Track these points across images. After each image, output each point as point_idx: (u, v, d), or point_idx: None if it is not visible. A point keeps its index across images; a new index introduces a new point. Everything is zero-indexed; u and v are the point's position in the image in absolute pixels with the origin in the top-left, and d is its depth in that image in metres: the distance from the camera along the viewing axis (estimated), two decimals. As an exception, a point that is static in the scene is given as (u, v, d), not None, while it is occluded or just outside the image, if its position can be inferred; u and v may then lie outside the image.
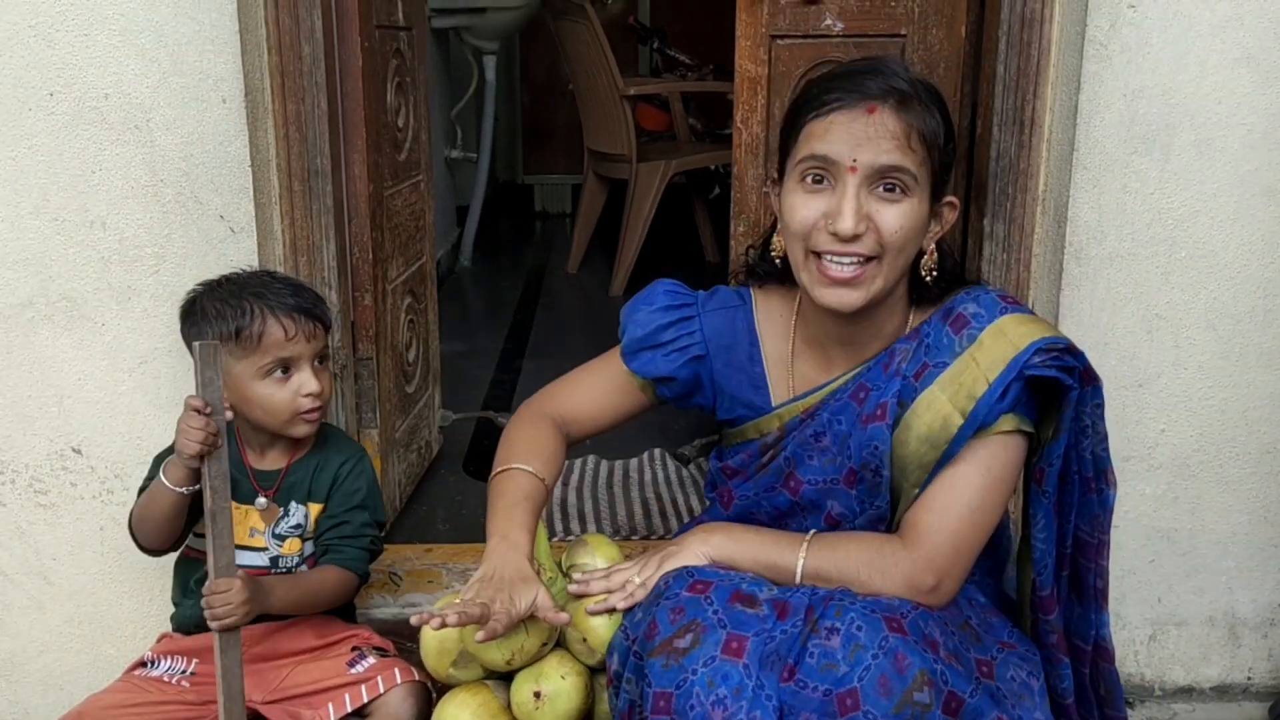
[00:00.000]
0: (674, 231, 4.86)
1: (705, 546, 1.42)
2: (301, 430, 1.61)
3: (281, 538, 1.64)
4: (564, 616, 1.36)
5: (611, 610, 1.41)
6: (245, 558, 1.62)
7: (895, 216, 1.33)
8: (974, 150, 1.93)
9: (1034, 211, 1.80)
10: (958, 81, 1.95)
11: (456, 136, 4.95)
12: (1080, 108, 1.76)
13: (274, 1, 1.73)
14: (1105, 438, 1.42)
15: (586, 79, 4.34)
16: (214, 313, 1.55)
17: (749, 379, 1.54)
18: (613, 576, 1.45)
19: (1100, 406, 1.40)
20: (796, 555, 1.38)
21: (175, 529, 1.57)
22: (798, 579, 1.37)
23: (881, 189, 1.33)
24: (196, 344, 1.42)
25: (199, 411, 1.42)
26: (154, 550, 1.62)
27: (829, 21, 2.00)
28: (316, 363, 1.60)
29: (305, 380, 1.57)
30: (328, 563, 1.63)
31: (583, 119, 4.54)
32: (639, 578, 1.43)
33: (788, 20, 2.02)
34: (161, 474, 1.51)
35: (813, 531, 1.43)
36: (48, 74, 1.72)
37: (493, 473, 1.52)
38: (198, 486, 1.48)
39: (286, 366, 1.57)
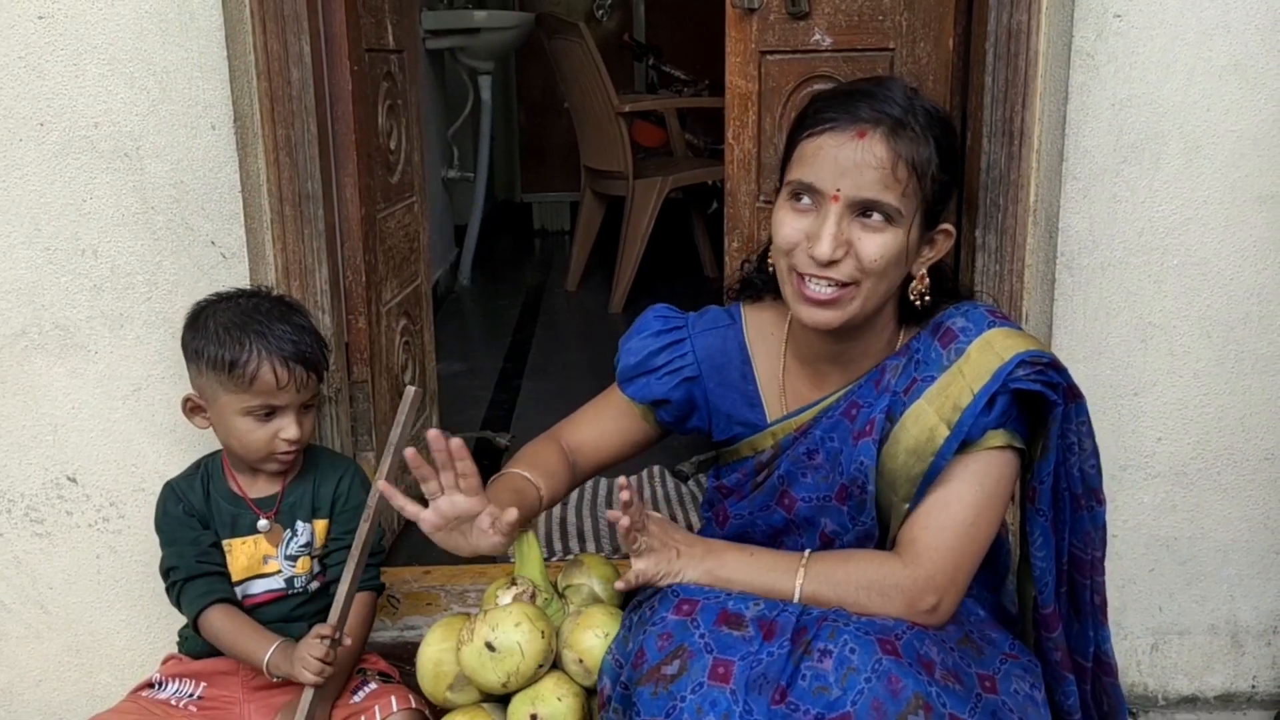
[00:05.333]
0: (672, 247, 4.87)
1: (695, 573, 1.40)
2: (271, 468, 1.62)
3: (294, 558, 1.64)
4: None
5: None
6: (261, 584, 1.63)
7: (875, 246, 1.31)
8: (964, 162, 1.93)
9: (1025, 222, 1.80)
10: (946, 94, 1.95)
11: (453, 156, 4.97)
12: (1069, 118, 1.76)
13: (262, 28, 1.74)
14: (1093, 454, 1.41)
15: (582, 97, 4.35)
16: (215, 336, 1.55)
17: (743, 396, 1.54)
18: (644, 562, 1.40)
19: (1085, 423, 1.39)
20: (794, 580, 1.37)
21: None
22: (795, 601, 1.36)
23: (864, 217, 1.32)
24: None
25: (327, 638, 1.46)
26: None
27: (817, 37, 2.01)
28: (303, 407, 1.60)
29: (286, 426, 1.57)
30: None
31: (579, 137, 4.55)
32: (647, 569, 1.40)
33: (777, 36, 2.02)
34: (267, 660, 1.53)
35: (808, 552, 1.41)
36: (38, 104, 1.73)
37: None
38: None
39: (271, 410, 1.57)
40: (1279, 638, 1.97)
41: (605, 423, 1.61)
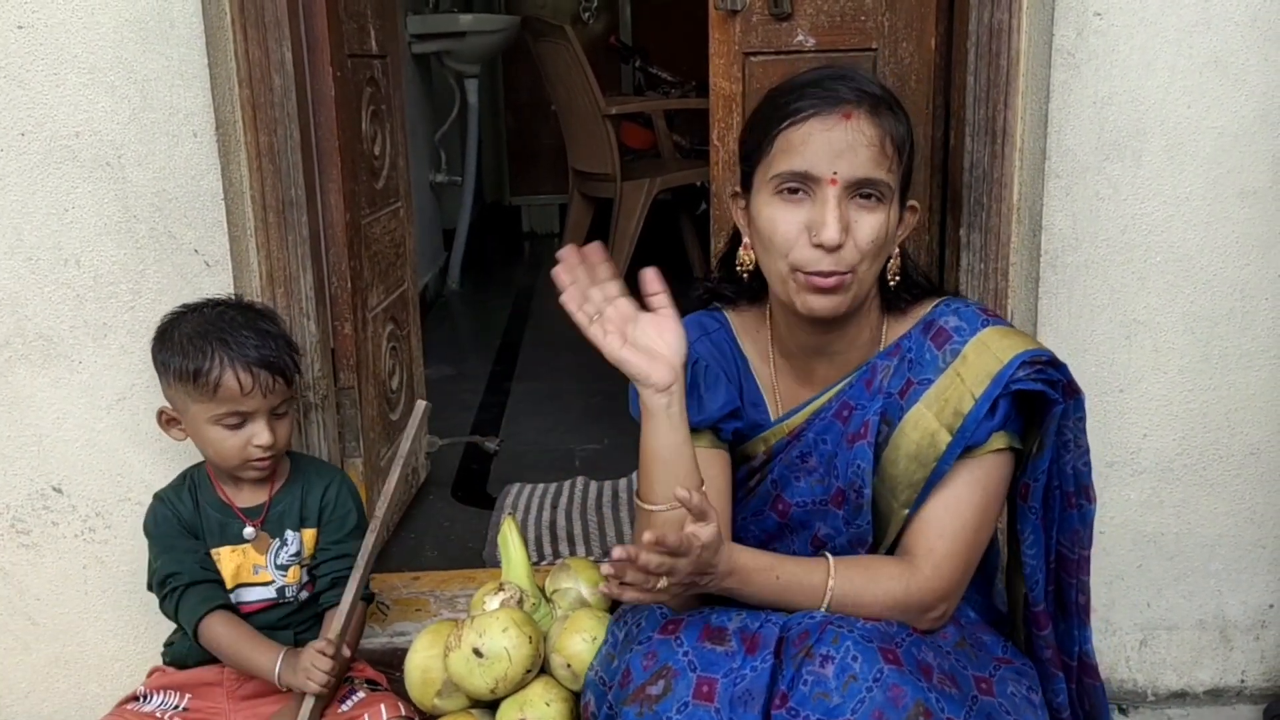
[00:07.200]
0: (661, 248, 4.86)
1: (728, 564, 1.29)
2: (250, 475, 1.62)
3: (284, 567, 1.64)
4: None
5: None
6: (252, 593, 1.63)
7: (872, 226, 1.31)
8: (948, 162, 1.93)
9: (1009, 221, 1.80)
10: (929, 94, 1.95)
11: (441, 160, 4.96)
12: (1050, 116, 1.76)
13: (243, 34, 1.73)
14: (1086, 451, 1.41)
15: (569, 99, 4.35)
16: (180, 347, 1.56)
17: (746, 398, 1.51)
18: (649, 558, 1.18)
19: (1082, 420, 1.39)
20: (825, 581, 1.32)
21: None
22: (822, 609, 1.32)
23: (859, 197, 1.32)
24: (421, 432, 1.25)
25: (326, 655, 1.48)
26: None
27: (801, 38, 2.01)
28: (274, 413, 1.59)
29: (258, 432, 1.57)
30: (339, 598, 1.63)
31: (566, 139, 4.55)
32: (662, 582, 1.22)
33: (760, 37, 2.02)
34: (278, 670, 1.54)
35: (831, 561, 1.35)
36: (19, 114, 1.72)
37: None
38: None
39: (241, 417, 1.56)
40: (1267, 632, 1.98)
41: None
